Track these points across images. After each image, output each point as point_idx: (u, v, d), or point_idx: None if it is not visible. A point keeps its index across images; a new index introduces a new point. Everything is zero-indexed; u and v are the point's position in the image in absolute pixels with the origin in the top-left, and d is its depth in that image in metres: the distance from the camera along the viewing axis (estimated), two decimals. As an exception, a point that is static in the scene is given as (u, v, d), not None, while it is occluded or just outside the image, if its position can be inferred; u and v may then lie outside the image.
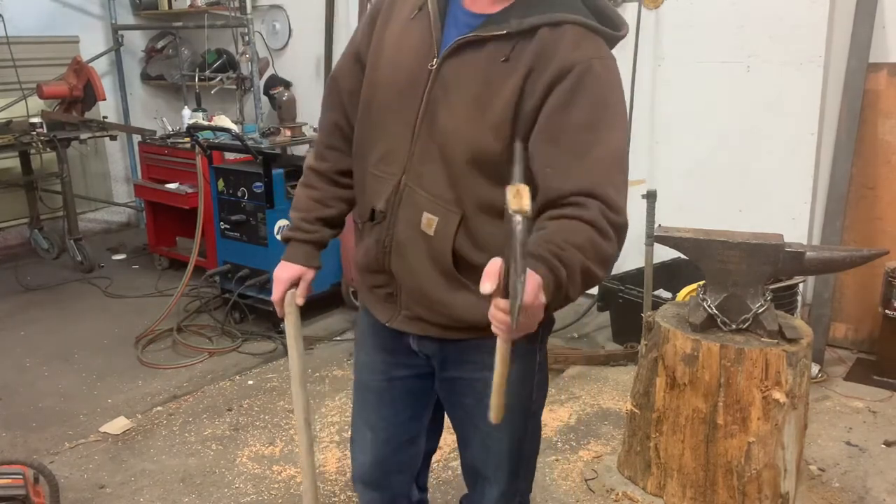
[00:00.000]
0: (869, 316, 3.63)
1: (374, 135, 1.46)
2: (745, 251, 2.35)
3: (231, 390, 3.40)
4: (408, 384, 1.61)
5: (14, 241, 5.48)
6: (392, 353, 1.59)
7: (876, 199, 3.59)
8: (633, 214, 4.38)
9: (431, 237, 1.38)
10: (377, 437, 1.64)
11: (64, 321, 4.22)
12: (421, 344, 1.53)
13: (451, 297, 1.41)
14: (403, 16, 1.44)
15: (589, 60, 1.30)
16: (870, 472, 2.72)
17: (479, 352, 1.46)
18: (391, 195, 1.42)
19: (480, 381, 1.49)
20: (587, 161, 1.27)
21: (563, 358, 3.55)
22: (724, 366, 2.31)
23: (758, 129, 3.72)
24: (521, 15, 1.31)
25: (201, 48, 5.54)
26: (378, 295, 1.53)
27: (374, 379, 1.63)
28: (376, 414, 1.64)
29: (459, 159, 1.34)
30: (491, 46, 1.32)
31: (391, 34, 1.45)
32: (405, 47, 1.41)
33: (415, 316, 1.48)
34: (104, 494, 2.65)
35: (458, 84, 1.34)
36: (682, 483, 2.48)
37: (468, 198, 1.36)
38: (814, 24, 3.49)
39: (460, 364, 1.51)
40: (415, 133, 1.38)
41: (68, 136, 4.81)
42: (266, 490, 2.66)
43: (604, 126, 1.30)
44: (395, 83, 1.41)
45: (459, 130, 1.34)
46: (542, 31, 1.31)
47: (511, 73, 1.30)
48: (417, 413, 1.64)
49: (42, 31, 5.43)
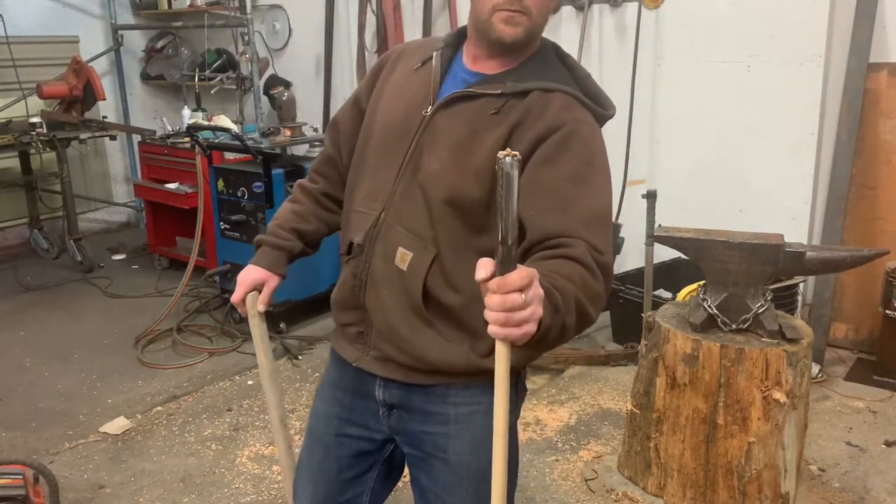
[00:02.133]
0: (869, 316, 3.63)
1: (364, 175, 1.50)
2: (745, 251, 2.35)
3: (231, 390, 3.40)
4: (356, 445, 1.56)
5: (14, 241, 5.48)
6: (349, 411, 1.55)
7: (876, 199, 3.59)
8: (634, 214, 4.39)
9: (404, 272, 1.39)
10: (317, 493, 1.60)
11: (64, 321, 4.22)
12: (386, 390, 1.49)
13: (418, 335, 1.41)
14: (409, 67, 1.51)
15: (577, 122, 1.34)
16: (870, 472, 2.72)
17: (444, 403, 1.45)
18: (370, 229, 1.44)
19: (444, 436, 1.46)
20: (573, 209, 1.28)
21: (563, 358, 3.55)
22: (724, 366, 2.31)
23: (758, 129, 3.72)
24: (516, 79, 1.38)
25: (201, 48, 5.54)
26: (349, 334, 1.53)
27: (326, 432, 1.59)
28: (319, 466, 1.60)
29: (438, 199, 1.37)
30: (483, 101, 1.37)
31: (393, 84, 1.51)
32: (404, 96, 1.47)
33: (382, 356, 1.47)
34: (104, 494, 2.65)
35: (446, 132, 1.39)
36: (683, 483, 2.47)
37: (444, 238, 1.37)
38: (814, 24, 3.49)
39: (424, 416, 1.47)
40: (399, 174, 1.42)
41: (68, 136, 4.81)
42: (266, 490, 2.66)
43: (589, 183, 1.32)
44: (390, 127, 1.46)
45: (441, 173, 1.37)
46: (533, 94, 1.36)
47: (498, 125, 1.35)
48: (360, 475, 1.58)
49: (42, 31, 5.43)
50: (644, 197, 3.11)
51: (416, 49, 1.55)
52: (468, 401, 1.45)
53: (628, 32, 3.96)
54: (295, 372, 3.57)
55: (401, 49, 1.58)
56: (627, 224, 3.89)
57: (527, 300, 1.01)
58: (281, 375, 3.51)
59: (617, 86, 4.02)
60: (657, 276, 3.32)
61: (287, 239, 1.62)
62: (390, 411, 1.51)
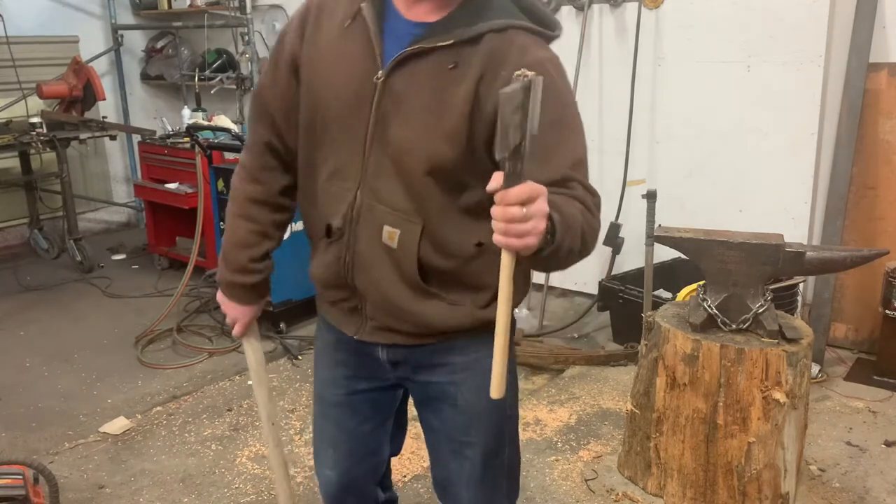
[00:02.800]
0: (869, 316, 3.63)
1: (323, 150, 1.41)
2: (745, 251, 2.35)
3: (231, 390, 3.39)
4: (370, 396, 1.57)
5: (14, 241, 5.48)
6: (355, 367, 1.56)
7: (876, 199, 3.59)
8: (633, 214, 4.39)
9: (395, 249, 1.36)
10: (339, 452, 1.61)
11: (64, 321, 4.22)
12: (390, 353, 1.50)
13: (421, 307, 1.40)
14: (335, 25, 1.38)
15: (541, 63, 1.31)
16: (870, 472, 2.72)
17: (450, 353, 1.48)
18: (347, 212, 1.38)
19: (452, 384, 1.49)
20: (558, 155, 1.30)
21: (563, 358, 3.55)
22: (724, 366, 2.31)
23: (758, 128, 3.72)
24: (464, 23, 1.30)
25: (201, 48, 5.54)
26: (342, 308, 1.50)
27: (336, 394, 1.59)
28: (338, 428, 1.61)
29: (417, 171, 1.32)
30: (436, 55, 1.30)
31: (325, 46, 1.39)
32: (344, 59, 1.36)
33: (383, 326, 1.46)
34: (104, 494, 2.65)
35: (408, 95, 1.32)
36: (683, 483, 2.48)
37: (428, 207, 1.35)
38: (814, 24, 3.49)
39: (431, 368, 1.50)
40: (366, 148, 1.35)
41: (68, 136, 4.81)
42: (266, 490, 2.65)
43: (566, 123, 1.33)
44: (339, 98, 1.36)
45: (415, 142, 1.32)
46: (487, 37, 1.30)
47: (461, 80, 1.30)
48: (379, 424, 1.61)
49: (42, 31, 5.43)
50: (644, 197, 3.11)
51: (335, 1, 1.40)
52: (474, 349, 1.47)
53: (628, 32, 3.96)
54: (295, 372, 3.56)
55: (318, 3, 1.42)
56: (627, 224, 3.89)
57: (527, 213, 1.06)
58: (281, 375, 3.51)
59: (617, 86, 4.02)
60: (657, 276, 3.32)
61: (264, 269, 1.56)
62: (395, 367, 1.52)
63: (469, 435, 1.52)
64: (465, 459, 1.54)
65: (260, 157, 1.51)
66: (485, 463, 1.54)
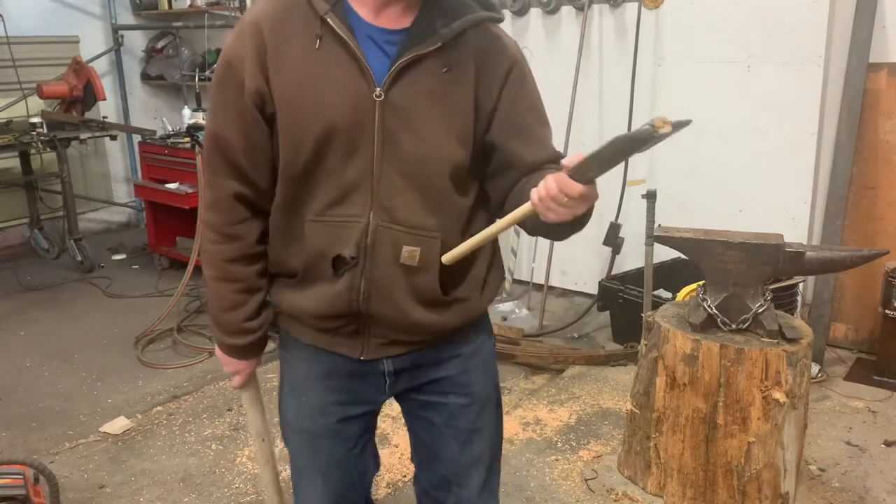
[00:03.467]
0: (869, 316, 3.63)
1: (315, 182, 1.33)
2: (745, 251, 2.35)
3: (231, 390, 3.39)
4: (362, 421, 1.53)
5: (14, 241, 5.49)
6: (348, 392, 1.49)
7: (876, 199, 3.59)
8: (633, 214, 4.39)
9: (415, 268, 1.34)
10: (330, 480, 1.54)
11: (64, 321, 4.22)
12: (395, 362, 1.47)
13: (438, 317, 1.41)
14: (300, 48, 1.28)
15: (516, 54, 1.40)
16: (870, 472, 2.72)
17: (459, 345, 1.50)
18: (361, 238, 1.32)
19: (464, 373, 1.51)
20: (545, 136, 1.42)
21: (563, 358, 3.55)
22: (724, 366, 2.31)
23: (758, 129, 3.72)
24: (441, 24, 1.29)
25: (201, 48, 5.55)
26: (342, 333, 1.43)
27: (325, 423, 1.50)
28: (328, 458, 1.53)
29: (438, 179, 1.33)
30: (429, 61, 1.29)
31: (300, 72, 1.28)
32: (329, 82, 1.28)
33: (391, 341, 1.43)
34: (104, 494, 2.65)
35: (414, 108, 1.29)
36: (682, 483, 2.48)
37: (446, 219, 1.36)
38: (814, 24, 3.49)
39: (438, 364, 1.49)
40: (374, 169, 1.30)
41: (68, 136, 4.81)
42: (266, 490, 2.65)
43: (540, 106, 1.44)
44: (334, 123, 1.28)
45: (434, 153, 1.31)
46: (469, 34, 1.34)
47: (459, 82, 1.32)
48: (364, 446, 1.58)
49: (42, 31, 5.43)
50: (644, 197, 3.11)
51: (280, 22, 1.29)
52: (475, 335, 1.52)
53: (628, 32, 3.96)
54: (295, 372, 3.56)
55: (264, 32, 1.29)
56: (627, 224, 3.89)
57: (566, 204, 1.17)
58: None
59: (617, 86, 4.02)
60: (657, 276, 3.32)
61: (260, 327, 1.50)
62: (398, 376, 1.49)
63: (478, 421, 1.54)
64: (473, 448, 1.55)
65: (229, 213, 1.39)
66: (491, 447, 1.59)
